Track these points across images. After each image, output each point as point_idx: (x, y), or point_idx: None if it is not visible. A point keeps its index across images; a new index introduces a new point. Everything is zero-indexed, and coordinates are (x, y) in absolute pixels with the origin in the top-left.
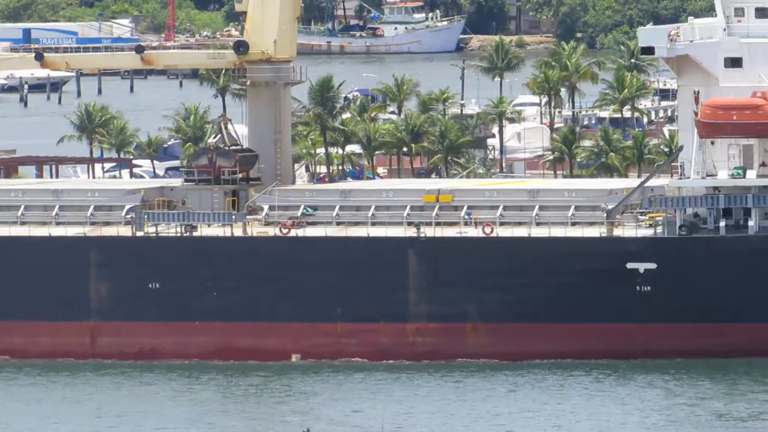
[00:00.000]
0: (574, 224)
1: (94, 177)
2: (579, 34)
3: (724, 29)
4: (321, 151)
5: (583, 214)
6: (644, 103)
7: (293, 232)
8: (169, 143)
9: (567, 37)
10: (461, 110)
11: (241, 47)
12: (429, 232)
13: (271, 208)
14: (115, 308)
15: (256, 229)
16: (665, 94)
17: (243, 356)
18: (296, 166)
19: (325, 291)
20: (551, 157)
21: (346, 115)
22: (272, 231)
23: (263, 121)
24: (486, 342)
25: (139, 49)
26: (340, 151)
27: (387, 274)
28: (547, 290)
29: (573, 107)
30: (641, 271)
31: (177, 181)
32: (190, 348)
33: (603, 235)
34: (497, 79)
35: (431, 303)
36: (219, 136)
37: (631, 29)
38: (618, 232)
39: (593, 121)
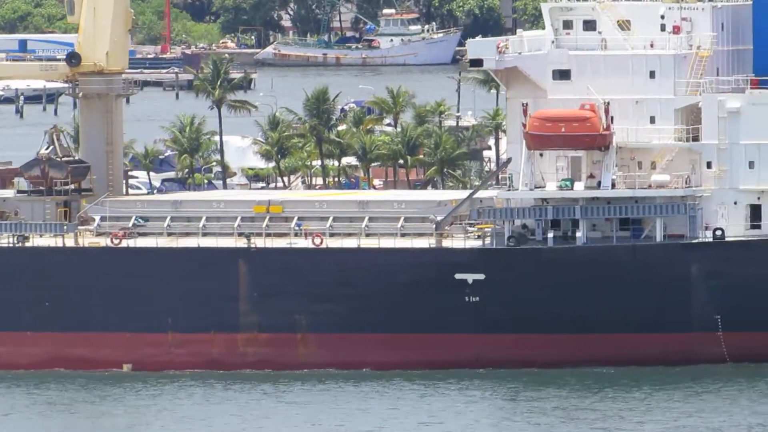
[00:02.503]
0: (403, 235)
1: None
2: None
3: (553, 41)
4: (317, 163)
5: (413, 225)
6: None
7: (124, 243)
8: (166, 155)
9: None
10: (457, 122)
11: (73, 59)
12: (259, 243)
13: (103, 218)
14: None
15: (87, 240)
16: None
17: (75, 366)
18: (292, 178)
19: (156, 301)
20: None
21: (341, 127)
22: (104, 241)
23: (95, 132)
24: (315, 352)
25: None
26: (336, 163)
27: (218, 285)
28: (376, 301)
29: None
30: (470, 281)
31: (9, 192)
32: (22, 358)
33: (432, 246)
34: (493, 91)
35: (262, 313)
36: (51, 147)
37: None
38: (447, 243)
39: None
